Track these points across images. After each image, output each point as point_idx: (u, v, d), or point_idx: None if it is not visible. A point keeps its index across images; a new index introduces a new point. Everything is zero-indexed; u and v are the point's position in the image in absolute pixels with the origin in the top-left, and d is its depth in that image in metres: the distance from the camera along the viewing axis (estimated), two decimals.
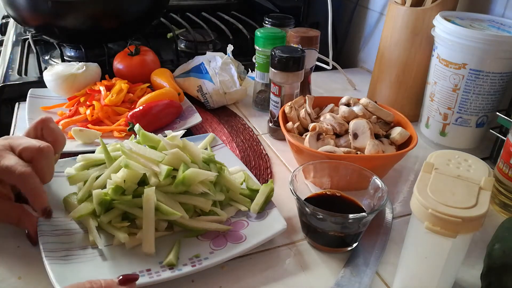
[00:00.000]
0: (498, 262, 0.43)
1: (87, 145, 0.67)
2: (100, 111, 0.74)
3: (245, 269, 0.49)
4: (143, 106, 0.72)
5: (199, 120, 0.74)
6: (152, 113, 0.72)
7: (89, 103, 0.76)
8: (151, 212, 0.48)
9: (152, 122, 0.72)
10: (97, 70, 0.83)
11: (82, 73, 0.79)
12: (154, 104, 0.73)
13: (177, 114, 0.76)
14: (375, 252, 0.51)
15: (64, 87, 0.78)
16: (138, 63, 0.85)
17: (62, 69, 0.79)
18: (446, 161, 0.43)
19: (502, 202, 0.60)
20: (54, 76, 0.78)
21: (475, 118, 0.70)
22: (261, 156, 0.70)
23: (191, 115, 0.77)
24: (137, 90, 0.80)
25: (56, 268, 0.44)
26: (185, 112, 0.78)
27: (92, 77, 0.81)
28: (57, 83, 0.78)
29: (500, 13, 0.76)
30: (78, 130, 0.67)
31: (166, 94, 0.77)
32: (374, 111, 0.66)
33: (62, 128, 0.70)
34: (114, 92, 0.76)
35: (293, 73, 0.70)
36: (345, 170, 0.56)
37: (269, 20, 0.86)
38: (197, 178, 0.51)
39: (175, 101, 0.77)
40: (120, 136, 0.71)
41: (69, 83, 0.78)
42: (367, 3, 1.09)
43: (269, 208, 0.55)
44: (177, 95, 0.79)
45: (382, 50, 0.82)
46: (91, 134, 0.68)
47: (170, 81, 0.82)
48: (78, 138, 0.67)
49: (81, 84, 0.79)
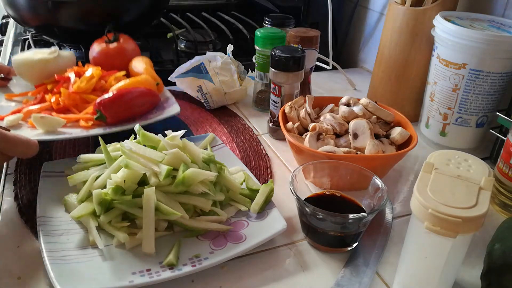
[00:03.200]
0: (498, 262, 0.43)
1: (49, 134, 0.61)
2: (67, 99, 0.67)
3: (245, 269, 0.49)
4: (114, 93, 0.65)
5: (177, 111, 0.68)
6: (124, 100, 0.64)
7: (56, 91, 0.69)
8: (151, 212, 0.48)
9: (123, 110, 0.65)
10: (71, 57, 0.76)
11: (53, 59, 0.72)
12: (126, 91, 0.66)
13: (153, 103, 0.70)
14: (375, 252, 0.51)
15: (33, 74, 0.71)
16: (116, 51, 0.77)
17: (32, 54, 0.72)
18: (446, 161, 0.43)
19: (502, 202, 0.60)
20: (22, 61, 0.70)
21: (475, 118, 0.70)
22: (261, 156, 0.70)
23: (169, 106, 0.71)
24: (111, 78, 0.73)
25: (56, 268, 0.44)
26: (163, 103, 0.72)
27: (65, 65, 0.73)
28: (25, 69, 0.71)
29: (500, 13, 0.76)
30: (38, 117, 0.60)
31: (142, 82, 0.70)
32: (374, 111, 0.66)
33: (24, 117, 0.65)
34: (84, 79, 0.69)
35: (293, 73, 0.70)
36: (345, 170, 0.56)
37: (269, 20, 0.86)
38: (197, 178, 0.51)
39: (152, 90, 0.70)
40: (86, 125, 0.64)
41: (39, 69, 0.71)
42: (367, 3, 1.09)
43: (269, 208, 0.55)
44: (154, 84, 0.72)
45: (382, 50, 0.82)
46: (54, 121, 0.62)
47: (149, 69, 0.75)
48: (38, 126, 0.61)
49: (52, 71, 0.72)
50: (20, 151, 0.52)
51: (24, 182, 0.60)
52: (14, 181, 0.60)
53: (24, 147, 0.52)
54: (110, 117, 0.64)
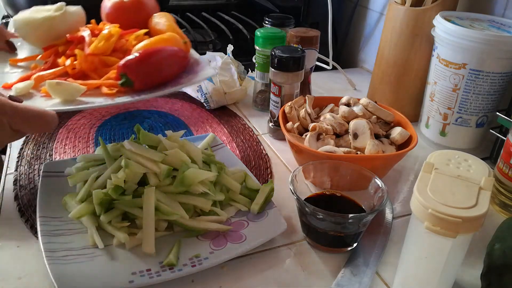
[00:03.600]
0: (498, 262, 0.43)
1: (68, 103, 0.52)
2: (84, 62, 0.57)
3: (245, 269, 0.49)
4: (140, 53, 0.55)
5: (213, 73, 0.59)
6: (152, 61, 0.55)
7: (69, 53, 0.59)
8: (151, 212, 0.48)
9: (151, 73, 0.55)
10: (80, 14, 0.65)
11: (60, 17, 0.61)
12: (154, 50, 0.56)
13: (183, 65, 0.59)
14: (375, 252, 0.51)
15: (38, 35, 0.61)
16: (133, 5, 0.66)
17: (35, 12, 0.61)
18: (446, 161, 0.43)
19: (502, 202, 0.60)
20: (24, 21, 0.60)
21: (475, 118, 0.70)
22: (261, 156, 0.70)
23: (201, 68, 0.60)
24: (132, 36, 0.62)
25: (56, 268, 0.44)
26: (193, 65, 0.62)
27: (74, 22, 0.63)
28: (29, 30, 0.61)
29: (500, 13, 0.76)
30: (54, 84, 0.51)
31: (168, 41, 0.60)
32: (374, 111, 0.66)
33: (35, 84, 0.55)
34: (102, 38, 0.59)
35: (293, 73, 0.70)
36: (345, 170, 0.56)
37: (269, 20, 0.86)
38: (197, 178, 0.51)
39: (181, 49, 0.59)
40: (110, 92, 0.54)
41: (44, 29, 0.61)
42: (367, 3, 1.09)
43: (269, 208, 0.55)
44: (181, 43, 0.61)
45: (382, 50, 0.82)
46: (72, 88, 0.53)
47: (173, 25, 0.65)
48: (55, 94, 0.52)
49: (60, 31, 0.61)
50: (36, 126, 0.45)
51: (24, 182, 0.60)
52: (14, 181, 0.60)
53: (41, 120, 0.44)
54: (138, 82, 0.54)
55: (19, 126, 0.43)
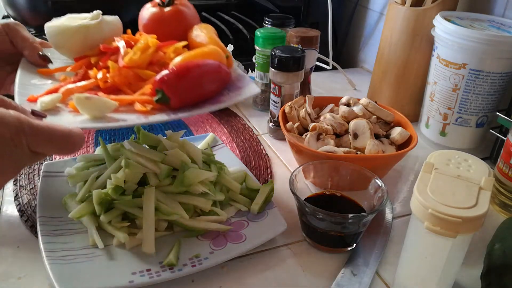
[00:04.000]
0: (498, 262, 0.43)
1: (97, 121, 0.46)
2: (117, 75, 0.52)
3: (245, 269, 0.49)
4: (177, 67, 0.50)
5: (257, 91, 0.53)
6: (191, 77, 0.50)
7: (102, 64, 0.54)
8: (151, 212, 0.48)
9: (190, 90, 0.50)
10: (117, 24, 0.60)
11: (96, 26, 0.56)
12: (193, 65, 0.51)
13: (224, 81, 0.54)
14: (375, 252, 0.51)
15: (71, 44, 0.56)
16: (172, 16, 0.60)
17: (69, 20, 0.57)
18: (446, 161, 0.43)
19: (502, 202, 0.60)
20: (58, 29, 0.56)
21: (475, 118, 0.70)
22: (261, 156, 0.70)
23: (244, 85, 0.55)
24: (170, 49, 0.56)
25: (56, 268, 0.44)
26: (235, 81, 0.56)
27: (110, 33, 0.58)
28: (62, 39, 0.56)
29: (500, 13, 0.76)
30: (83, 98, 0.45)
31: (210, 54, 0.54)
32: (374, 111, 0.66)
33: (63, 97, 0.49)
34: (138, 50, 0.54)
35: (293, 73, 0.70)
36: (345, 170, 0.56)
37: (269, 20, 0.86)
38: (197, 178, 0.51)
39: (223, 64, 0.54)
40: (144, 110, 0.48)
41: (78, 38, 0.56)
42: (367, 3, 1.09)
43: (269, 208, 0.55)
44: (224, 57, 0.56)
45: (382, 50, 0.82)
46: (103, 104, 0.47)
47: (214, 38, 0.59)
48: (83, 110, 0.46)
49: (95, 41, 0.57)
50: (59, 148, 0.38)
51: (24, 182, 0.60)
52: (14, 181, 0.60)
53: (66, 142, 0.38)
54: (175, 99, 0.49)
55: (40, 147, 0.36)
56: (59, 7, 0.83)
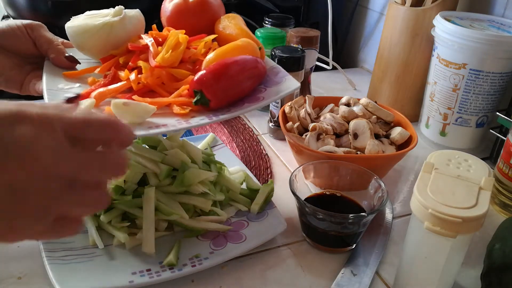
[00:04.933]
0: (498, 262, 0.43)
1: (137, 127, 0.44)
2: (151, 76, 0.49)
3: (245, 269, 0.49)
4: (215, 65, 0.47)
5: (297, 86, 0.49)
6: (230, 75, 0.46)
7: (132, 65, 0.51)
8: (151, 212, 0.48)
9: (229, 89, 0.47)
10: (139, 18, 0.56)
11: (119, 22, 0.53)
12: (231, 62, 0.47)
13: (260, 77, 0.50)
14: (375, 252, 0.51)
15: (95, 44, 0.53)
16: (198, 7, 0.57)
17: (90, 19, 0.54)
18: (446, 161, 0.43)
19: (502, 202, 0.60)
20: (80, 29, 0.53)
21: (475, 118, 0.70)
22: (261, 156, 0.70)
23: (280, 80, 0.51)
24: (201, 44, 0.53)
25: (56, 268, 0.44)
26: (269, 76, 0.52)
27: (133, 28, 0.54)
28: (85, 38, 0.53)
29: (500, 13, 0.76)
30: (121, 104, 0.43)
31: (244, 48, 0.51)
32: (374, 111, 0.66)
33: (96, 102, 0.46)
34: (169, 47, 0.50)
35: (293, 73, 0.70)
36: (345, 170, 0.56)
37: (269, 20, 0.86)
38: (197, 178, 0.51)
39: (260, 59, 0.51)
40: (183, 112, 0.46)
41: (102, 37, 0.52)
42: (367, 3, 1.09)
43: (269, 208, 0.55)
44: (258, 50, 0.52)
45: (382, 50, 0.82)
46: (141, 109, 0.44)
47: (244, 29, 0.55)
48: (121, 116, 0.43)
49: (119, 38, 0.53)
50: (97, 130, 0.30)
51: None
52: None
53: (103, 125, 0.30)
54: (214, 100, 0.46)
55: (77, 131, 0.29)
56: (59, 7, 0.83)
